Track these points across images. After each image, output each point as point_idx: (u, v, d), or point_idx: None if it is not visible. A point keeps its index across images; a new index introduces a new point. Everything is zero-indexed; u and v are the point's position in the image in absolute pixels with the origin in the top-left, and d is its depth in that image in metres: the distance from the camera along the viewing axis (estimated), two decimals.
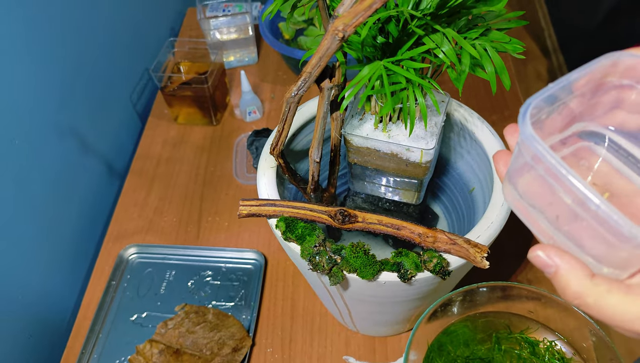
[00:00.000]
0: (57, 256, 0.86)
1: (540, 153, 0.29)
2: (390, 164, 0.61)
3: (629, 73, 0.33)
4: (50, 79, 0.83)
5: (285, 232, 0.55)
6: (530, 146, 0.30)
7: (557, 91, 0.32)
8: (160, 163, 1.03)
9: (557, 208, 0.32)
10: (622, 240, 0.28)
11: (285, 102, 0.51)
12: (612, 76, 0.34)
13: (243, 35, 1.17)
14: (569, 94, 0.33)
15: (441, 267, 0.51)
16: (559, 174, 0.28)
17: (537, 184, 0.32)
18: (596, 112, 0.36)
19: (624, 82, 0.34)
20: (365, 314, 0.66)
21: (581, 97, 0.34)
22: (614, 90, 0.34)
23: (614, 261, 0.31)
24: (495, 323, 0.64)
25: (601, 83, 0.34)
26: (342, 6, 0.43)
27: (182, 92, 1.04)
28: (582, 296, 0.31)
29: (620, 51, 0.33)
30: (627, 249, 0.29)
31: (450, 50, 0.48)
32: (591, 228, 0.29)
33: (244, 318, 0.79)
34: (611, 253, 0.30)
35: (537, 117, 0.33)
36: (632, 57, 0.32)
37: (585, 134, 0.37)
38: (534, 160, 0.31)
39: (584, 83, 0.33)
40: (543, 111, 0.33)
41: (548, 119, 0.34)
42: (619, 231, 0.27)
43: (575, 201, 0.29)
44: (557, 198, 0.30)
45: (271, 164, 0.62)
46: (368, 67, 0.49)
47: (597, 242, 0.30)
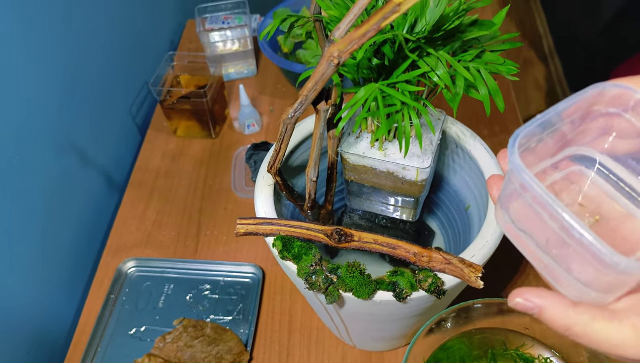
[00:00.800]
0: (55, 270, 0.87)
1: (527, 183, 0.30)
2: (387, 182, 0.61)
3: (615, 102, 0.35)
4: (49, 94, 0.84)
5: (282, 251, 0.55)
6: (518, 176, 0.31)
7: (545, 120, 0.33)
8: (159, 176, 1.04)
9: (545, 234, 0.33)
10: (606, 267, 0.29)
11: (282, 123, 0.51)
12: (599, 105, 0.35)
13: (242, 48, 1.18)
14: (559, 121, 0.34)
15: (436, 287, 0.52)
16: (545, 203, 0.30)
17: (526, 211, 0.33)
18: (586, 138, 0.37)
19: (611, 110, 0.35)
20: (361, 330, 0.67)
21: (571, 124, 0.35)
22: (601, 117, 0.36)
23: (600, 286, 0.32)
24: (491, 340, 0.65)
25: (589, 111, 0.35)
26: (338, 30, 0.43)
27: (181, 106, 1.05)
28: (570, 327, 0.32)
29: (605, 81, 0.34)
30: (611, 275, 0.30)
31: (444, 73, 0.48)
32: (578, 253, 0.30)
33: (241, 332, 0.80)
34: (598, 278, 0.31)
35: (527, 145, 0.34)
36: (617, 87, 0.34)
37: (577, 158, 0.38)
38: (522, 188, 0.32)
39: (572, 111, 0.34)
40: (533, 139, 0.34)
41: (540, 144, 0.35)
42: (602, 259, 0.28)
43: (561, 228, 0.30)
44: (545, 224, 0.32)
45: (268, 182, 0.63)
46: (364, 89, 0.50)
47: (585, 267, 0.31)
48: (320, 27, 0.54)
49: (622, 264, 0.28)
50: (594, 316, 0.32)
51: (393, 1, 0.37)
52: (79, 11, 0.91)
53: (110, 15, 1.02)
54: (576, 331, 0.32)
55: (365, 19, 0.39)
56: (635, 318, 0.31)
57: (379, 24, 0.38)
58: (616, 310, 0.32)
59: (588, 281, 0.32)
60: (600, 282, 0.31)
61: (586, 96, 0.34)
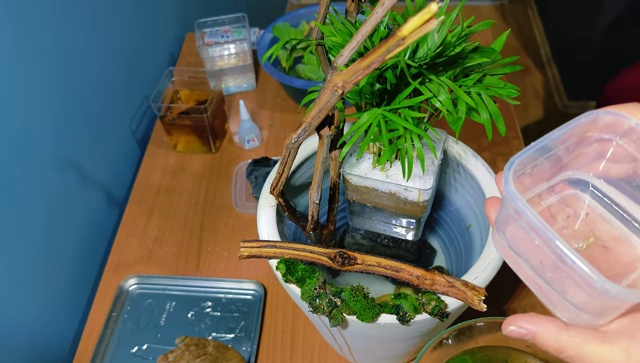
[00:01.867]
0: (56, 288, 0.87)
1: (521, 209, 0.32)
2: (389, 202, 0.62)
3: (608, 129, 0.36)
4: (49, 109, 0.84)
5: (285, 274, 0.55)
6: (512, 203, 0.32)
7: (540, 147, 0.35)
8: (159, 192, 1.04)
9: (539, 257, 0.34)
10: (597, 293, 0.30)
11: (285, 147, 0.52)
12: (593, 131, 0.36)
13: (242, 62, 1.18)
14: (555, 147, 0.36)
15: (439, 309, 0.52)
16: (538, 230, 0.31)
17: (521, 235, 0.35)
18: (582, 162, 0.38)
19: (605, 136, 0.36)
20: (365, 350, 0.67)
21: (565, 150, 0.37)
22: (595, 143, 0.37)
23: (593, 310, 0.33)
24: (493, 358, 0.65)
25: (583, 137, 0.37)
26: (341, 57, 0.44)
27: (182, 121, 1.05)
28: (563, 350, 0.33)
29: (598, 109, 0.35)
30: (603, 300, 0.31)
31: (446, 99, 0.49)
32: (570, 278, 0.31)
33: (244, 350, 0.80)
34: (590, 302, 0.32)
35: (522, 171, 0.35)
36: (610, 115, 0.35)
37: (572, 181, 0.39)
38: (517, 214, 0.33)
39: (566, 138, 0.36)
40: (528, 166, 0.35)
41: (536, 168, 0.36)
42: (593, 285, 0.29)
43: (554, 254, 0.31)
44: (539, 249, 0.33)
45: (271, 203, 0.63)
46: (367, 114, 0.50)
47: (577, 291, 0.32)
48: (323, 51, 0.55)
49: (612, 291, 0.29)
50: (587, 339, 0.33)
51: (397, 35, 0.37)
52: (77, 26, 0.91)
53: (110, 29, 1.03)
54: (570, 353, 0.33)
55: (370, 51, 0.39)
56: (627, 340, 0.32)
57: (383, 56, 0.39)
58: (608, 332, 0.33)
59: (581, 305, 0.33)
60: (593, 306, 0.32)
61: (580, 123, 0.35)
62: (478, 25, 0.53)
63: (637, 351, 0.31)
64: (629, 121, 0.34)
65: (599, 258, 0.36)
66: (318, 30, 0.53)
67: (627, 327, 0.33)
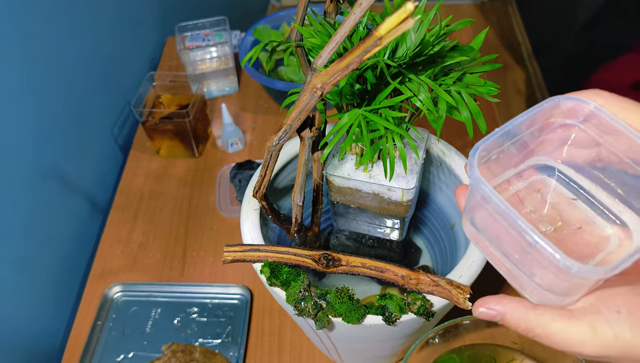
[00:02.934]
0: (39, 297, 0.86)
1: (486, 194, 0.32)
2: (372, 203, 0.61)
3: (570, 114, 0.37)
4: (29, 117, 0.83)
5: (270, 277, 0.55)
6: (478, 188, 0.33)
7: (504, 133, 0.35)
8: (143, 197, 1.03)
9: (507, 241, 0.35)
10: (560, 272, 0.31)
11: (267, 150, 0.51)
12: (556, 117, 0.37)
13: (223, 65, 1.17)
14: (520, 133, 0.36)
15: (425, 309, 0.52)
16: (503, 213, 0.32)
17: (489, 220, 0.35)
18: (547, 148, 0.39)
19: (567, 122, 0.37)
20: (352, 351, 0.67)
21: (530, 135, 0.37)
22: (559, 128, 0.38)
23: (559, 289, 0.33)
24: (480, 355, 0.65)
25: (547, 123, 0.37)
26: (320, 58, 0.44)
27: (164, 126, 1.04)
28: (532, 329, 0.34)
29: (560, 95, 0.36)
30: (567, 279, 0.32)
31: (426, 98, 0.49)
32: (536, 260, 0.32)
33: (231, 355, 0.79)
34: (556, 282, 0.33)
35: (488, 157, 0.36)
36: (571, 100, 0.36)
37: (540, 167, 0.40)
38: (483, 200, 0.34)
39: (530, 123, 0.36)
40: (494, 151, 0.36)
41: (503, 154, 0.37)
42: (556, 264, 0.30)
43: (520, 236, 0.32)
44: (506, 232, 0.33)
45: (254, 206, 0.63)
46: (347, 115, 0.50)
47: (544, 272, 0.33)
48: (302, 52, 0.54)
49: (573, 268, 0.30)
50: (554, 317, 0.33)
51: (375, 35, 0.37)
52: (56, 31, 0.90)
53: (89, 34, 1.01)
54: (537, 332, 0.34)
55: (348, 51, 0.39)
56: (592, 316, 0.33)
57: (361, 56, 0.39)
58: (574, 310, 0.33)
59: (548, 286, 0.34)
60: (559, 286, 0.33)
61: (543, 109, 0.36)
62: (457, 23, 0.53)
63: (602, 326, 0.32)
64: (589, 105, 0.35)
65: (567, 240, 0.37)
66: (297, 31, 0.53)
67: (592, 303, 0.33)
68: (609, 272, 0.30)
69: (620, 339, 0.32)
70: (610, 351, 0.32)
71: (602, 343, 0.32)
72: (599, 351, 0.32)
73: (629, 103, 0.35)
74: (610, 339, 0.32)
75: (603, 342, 0.32)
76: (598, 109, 0.35)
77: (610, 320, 0.32)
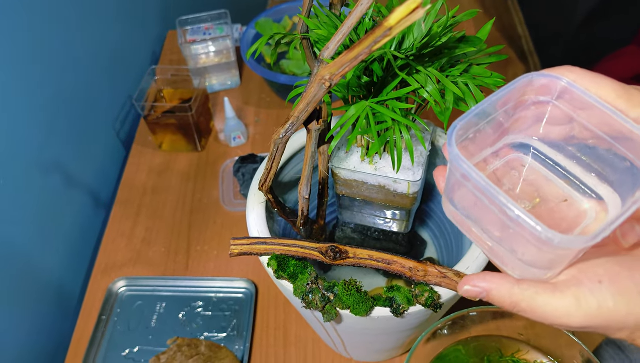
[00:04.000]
0: (44, 292, 0.86)
1: (466, 171, 0.32)
2: (378, 195, 0.61)
3: (543, 90, 0.37)
4: (31, 113, 0.82)
5: (277, 270, 0.55)
6: (457, 166, 0.33)
7: (480, 111, 0.35)
8: (145, 192, 1.03)
9: (488, 218, 0.35)
10: (542, 244, 0.31)
11: (273, 143, 0.51)
12: (530, 94, 0.37)
13: (225, 59, 1.17)
14: (494, 111, 0.37)
15: (432, 300, 0.52)
16: (483, 189, 0.32)
17: (469, 198, 0.35)
18: (522, 126, 0.39)
19: (541, 99, 0.37)
20: (358, 343, 0.67)
21: (505, 113, 0.37)
22: (533, 105, 0.38)
23: (541, 263, 0.34)
24: (486, 347, 0.65)
25: (521, 100, 0.37)
26: (327, 50, 0.43)
27: (166, 120, 1.04)
28: (517, 304, 0.34)
29: (534, 71, 0.36)
30: (549, 251, 0.32)
31: (434, 89, 0.48)
32: (518, 234, 0.32)
33: (236, 348, 0.79)
34: (538, 255, 0.33)
35: (465, 136, 0.36)
36: (544, 77, 0.36)
37: (515, 145, 0.40)
38: (463, 178, 0.34)
39: (505, 101, 0.36)
40: (470, 130, 0.36)
41: (479, 133, 0.37)
42: (538, 236, 0.30)
43: (500, 212, 0.32)
44: (487, 209, 0.33)
45: (260, 199, 0.63)
46: (354, 107, 0.50)
47: (526, 246, 0.33)
48: (308, 45, 0.54)
49: (555, 239, 0.30)
50: (537, 291, 0.33)
51: (384, 25, 0.37)
52: (57, 27, 0.90)
53: (90, 29, 1.01)
54: (523, 307, 0.34)
55: (356, 42, 0.39)
56: (575, 288, 0.33)
57: (370, 47, 0.38)
58: (557, 283, 0.34)
59: (530, 260, 0.34)
60: (541, 259, 0.33)
61: (517, 86, 0.36)
62: (462, 15, 0.53)
63: (585, 296, 0.32)
64: (561, 80, 0.35)
65: (546, 216, 0.37)
66: (303, 23, 0.53)
67: (574, 275, 0.33)
68: (590, 241, 0.30)
69: (603, 308, 0.32)
70: (595, 321, 0.32)
71: (587, 313, 0.32)
72: (583, 322, 0.32)
73: (600, 78, 0.35)
74: (594, 309, 0.32)
75: (587, 312, 0.32)
76: (570, 85, 0.35)
77: (593, 290, 0.32)
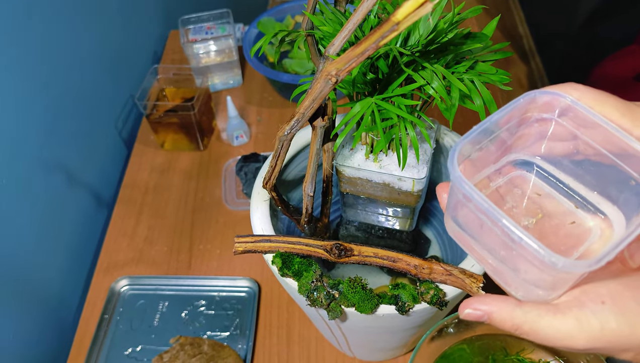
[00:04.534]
0: (47, 292, 0.85)
1: (468, 193, 0.32)
2: (383, 193, 0.61)
3: (547, 108, 0.37)
4: (33, 112, 0.82)
5: (282, 268, 0.55)
6: (460, 187, 0.33)
7: (482, 130, 0.35)
8: (148, 191, 1.03)
9: (490, 238, 0.35)
10: (546, 267, 0.31)
11: (278, 140, 0.51)
12: (533, 112, 0.37)
13: (227, 58, 1.17)
14: (497, 129, 0.37)
15: (438, 298, 0.52)
16: (485, 211, 0.32)
17: (472, 218, 0.35)
18: (525, 143, 0.39)
19: (544, 116, 0.37)
20: (362, 342, 0.67)
21: (507, 131, 0.37)
22: (536, 123, 0.38)
23: (545, 284, 0.33)
24: (491, 346, 0.65)
25: (524, 118, 0.37)
26: (333, 46, 0.43)
27: (169, 119, 1.03)
28: (519, 326, 0.33)
29: (536, 89, 0.36)
30: (552, 274, 0.32)
31: (439, 86, 0.48)
32: (521, 255, 0.32)
33: (239, 347, 0.79)
34: (541, 277, 0.33)
35: (468, 155, 0.36)
36: (547, 94, 0.36)
37: (518, 163, 0.40)
38: (465, 198, 0.34)
39: (507, 120, 0.36)
40: (474, 149, 0.36)
41: (482, 152, 0.37)
42: (542, 260, 0.30)
43: (503, 233, 0.32)
44: (490, 230, 0.33)
45: (264, 197, 0.63)
46: (359, 104, 0.50)
47: (529, 267, 0.33)
48: (313, 42, 0.54)
49: (559, 263, 0.29)
50: (540, 313, 0.33)
51: (391, 20, 0.36)
52: (60, 26, 0.89)
53: (93, 28, 1.01)
54: (525, 329, 0.33)
55: (364, 37, 0.39)
56: (578, 310, 0.32)
57: (377, 42, 0.38)
58: (560, 304, 0.33)
59: (534, 281, 0.33)
60: (545, 281, 0.33)
61: (519, 105, 0.36)
62: (467, 12, 0.53)
63: (587, 319, 0.32)
64: (565, 98, 0.35)
65: (549, 234, 0.37)
66: (308, 20, 0.53)
67: (576, 296, 0.33)
68: (594, 265, 0.30)
69: (606, 330, 0.31)
70: (598, 343, 0.32)
71: (590, 335, 0.32)
72: (587, 344, 0.32)
73: (604, 96, 0.35)
74: (596, 331, 0.32)
75: (590, 334, 0.32)
76: (574, 103, 0.35)
77: (595, 312, 0.32)
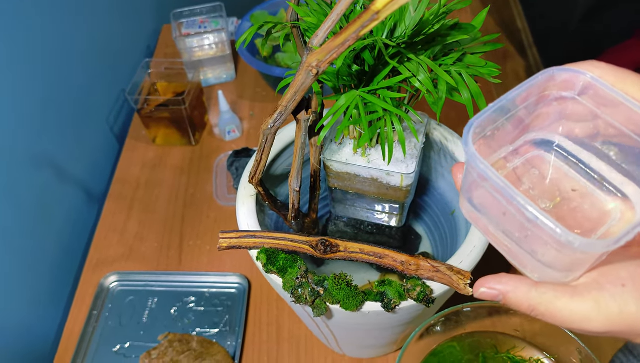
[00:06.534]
0: (35, 287, 0.85)
1: (483, 171, 0.31)
2: (371, 188, 0.60)
3: (566, 85, 0.35)
4: (22, 106, 0.81)
5: (266, 264, 0.54)
6: (474, 165, 0.32)
7: (498, 107, 0.34)
8: (139, 186, 1.02)
9: (506, 218, 0.33)
10: (562, 246, 0.30)
11: (262, 133, 0.50)
12: (551, 89, 0.36)
13: (220, 52, 1.16)
14: (514, 107, 0.35)
15: (425, 295, 0.51)
16: (501, 189, 0.30)
17: (487, 198, 0.34)
18: (544, 122, 0.38)
19: (564, 94, 0.36)
20: (350, 339, 0.66)
21: (525, 110, 0.36)
22: (555, 101, 0.36)
23: (562, 265, 0.32)
24: (481, 343, 0.64)
25: (542, 96, 0.36)
26: (316, 37, 0.42)
27: (160, 114, 1.02)
28: (535, 307, 0.33)
29: (555, 66, 0.35)
30: (570, 254, 0.31)
31: (426, 78, 0.47)
32: (537, 236, 0.31)
33: (228, 344, 0.78)
34: (558, 258, 0.32)
35: (483, 134, 0.35)
36: (566, 71, 0.34)
37: (536, 142, 0.39)
38: (480, 177, 0.33)
39: (525, 97, 0.35)
40: (488, 127, 0.35)
41: (499, 130, 0.36)
42: (558, 239, 0.29)
43: (519, 213, 0.31)
44: (505, 210, 0.32)
45: (250, 192, 0.62)
46: (344, 96, 0.49)
47: (545, 248, 0.32)
48: (298, 33, 0.53)
49: (576, 242, 0.28)
50: (556, 294, 0.32)
51: (371, 9, 0.35)
52: (51, 19, 0.88)
53: (84, 22, 1.00)
54: (541, 310, 0.33)
55: (344, 27, 0.38)
56: (596, 292, 0.32)
57: (358, 32, 0.37)
58: (577, 286, 0.33)
59: (550, 262, 0.32)
60: (561, 262, 0.32)
61: (537, 81, 0.34)
62: (455, 2, 0.51)
63: (606, 301, 0.31)
64: (585, 75, 0.34)
65: (567, 216, 0.36)
66: (292, 11, 0.51)
67: (595, 279, 0.32)
68: (612, 245, 0.28)
69: (625, 313, 0.31)
70: (616, 326, 0.31)
71: (607, 318, 0.31)
72: (604, 326, 0.31)
73: (627, 73, 0.34)
74: (615, 314, 0.31)
75: (608, 317, 0.31)
76: (595, 80, 0.34)
77: (614, 294, 0.31)
